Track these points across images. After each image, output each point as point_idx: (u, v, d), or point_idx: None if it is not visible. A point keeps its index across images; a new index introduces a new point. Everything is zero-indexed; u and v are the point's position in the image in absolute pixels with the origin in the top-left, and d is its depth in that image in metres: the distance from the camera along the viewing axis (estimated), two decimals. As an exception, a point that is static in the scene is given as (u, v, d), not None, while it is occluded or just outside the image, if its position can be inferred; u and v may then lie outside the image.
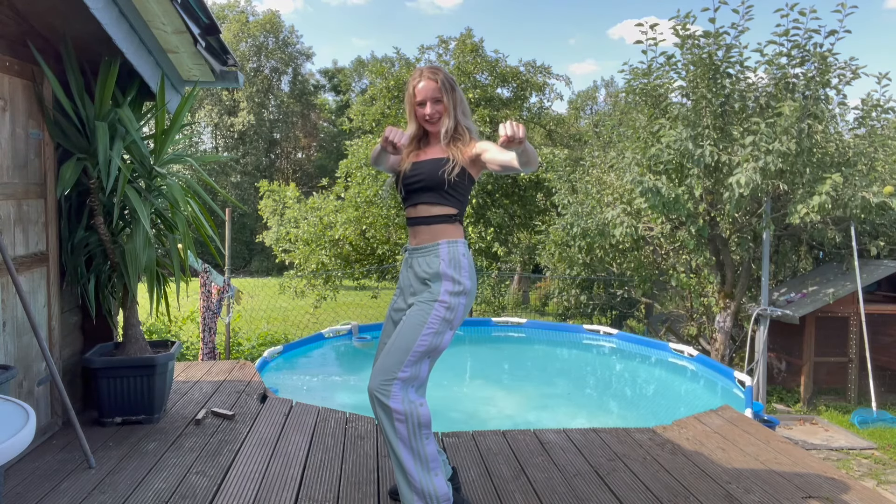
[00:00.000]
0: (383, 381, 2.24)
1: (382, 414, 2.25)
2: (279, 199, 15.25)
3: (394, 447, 2.25)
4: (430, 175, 2.37)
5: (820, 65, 6.88)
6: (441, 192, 2.38)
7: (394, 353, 2.27)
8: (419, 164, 2.42)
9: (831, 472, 3.01)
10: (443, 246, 2.35)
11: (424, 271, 2.36)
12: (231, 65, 3.78)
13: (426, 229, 2.39)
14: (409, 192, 2.43)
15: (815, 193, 6.56)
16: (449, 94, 2.40)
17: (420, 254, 2.39)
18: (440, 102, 2.39)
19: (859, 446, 6.15)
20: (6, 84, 2.83)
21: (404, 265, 2.51)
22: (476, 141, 2.42)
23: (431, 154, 2.44)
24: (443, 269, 2.32)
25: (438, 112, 2.40)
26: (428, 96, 2.39)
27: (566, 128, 18.75)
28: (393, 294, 2.58)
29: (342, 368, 6.98)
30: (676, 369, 6.74)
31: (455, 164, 2.36)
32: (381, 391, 2.23)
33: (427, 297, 2.33)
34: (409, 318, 2.32)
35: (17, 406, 1.90)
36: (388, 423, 2.24)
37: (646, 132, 7.73)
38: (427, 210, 2.39)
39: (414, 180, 2.41)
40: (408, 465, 2.24)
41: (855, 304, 7.51)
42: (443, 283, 2.32)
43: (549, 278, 12.48)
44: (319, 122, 37.50)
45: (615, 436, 3.45)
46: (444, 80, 2.40)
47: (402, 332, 2.30)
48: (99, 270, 3.38)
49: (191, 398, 3.88)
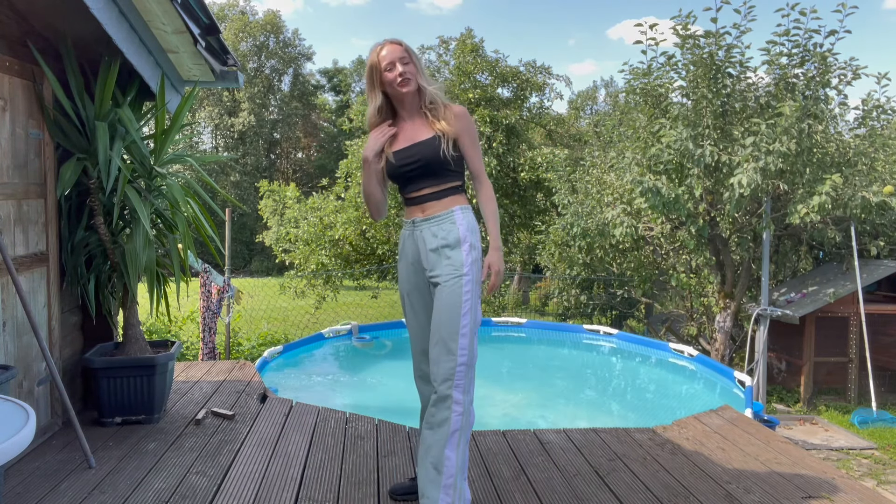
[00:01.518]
0: (447, 372, 2.22)
1: (441, 405, 2.22)
2: (279, 199, 15.23)
3: (437, 442, 2.22)
4: (429, 159, 2.34)
5: (820, 65, 6.88)
6: (442, 170, 2.37)
7: (445, 341, 2.24)
8: (410, 150, 2.37)
9: (831, 472, 3.01)
10: (457, 212, 2.36)
11: (443, 239, 2.32)
12: (231, 65, 3.78)
13: (436, 203, 2.38)
14: (409, 178, 2.39)
15: (815, 193, 6.56)
16: (414, 58, 2.38)
17: (433, 223, 2.36)
18: (407, 63, 2.36)
19: (859, 446, 6.15)
20: (6, 84, 2.83)
21: (407, 240, 2.45)
22: (449, 107, 2.40)
23: (413, 134, 2.40)
24: (462, 234, 2.31)
25: (410, 72, 2.35)
26: (395, 57, 2.35)
27: (566, 128, 18.74)
28: (399, 278, 2.51)
29: (342, 368, 6.98)
30: (676, 369, 6.74)
31: (448, 140, 2.34)
32: (445, 381, 2.22)
33: (450, 272, 2.28)
34: (443, 302, 2.27)
35: (17, 406, 1.90)
36: (442, 415, 2.22)
37: (646, 132, 7.72)
38: (434, 188, 2.37)
39: (411, 168, 2.36)
40: (448, 462, 2.19)
41: (855, 304, 7.51)
42: (461, 248, 2.30)
43: (549, 278, 12.48)
44: (319, 122, 37.49)
45: (615, 436, 3.45)
46: (407, 46, 2.39)
47: (442, 321, 2.26)
48: (99, 270, 3.38)
49: (191, 398, 3.88)
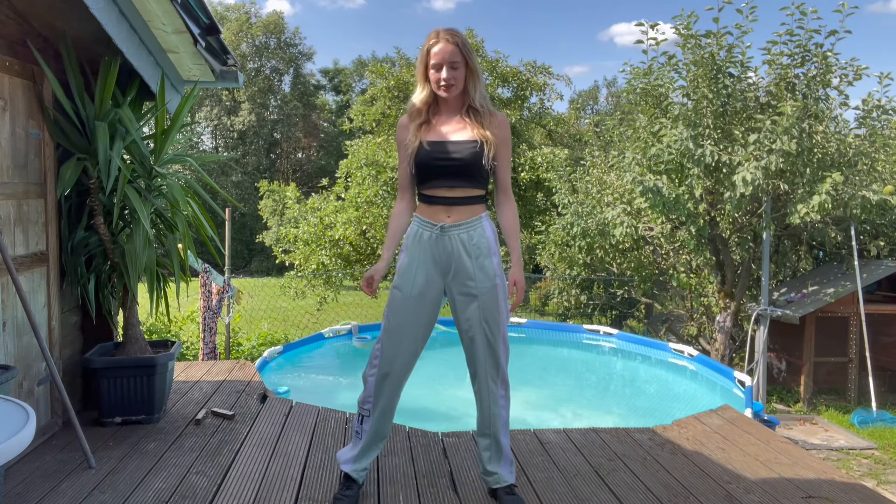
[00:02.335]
0: (494, 374, 2.41)
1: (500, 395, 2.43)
2: (279, 200, 15.25)
3: (500, 436, 2.45)
4: (469, 162, 2.32)
5: (821, 64, 6.89)
6: (478, 175, 2.36)
7: (492, 348, 2.39)
8: (450, 146, 2.33)
9: (831, 472, 3.01)
10: (484, 219, 2.40)
11: (476, 247, 2.36)
12: (231, 65, 3.78)
13: (465, 209, 2.37)
14: (442, 174, 2.34)
15: (816, 193, 6.56)
16: (469, 58, 2.29)
17: (463, 229, 2.36)
18: (457, 68, 2.28)
19: (859, 446, 6.15)
20: (6, 84, 2.83)
21: (430, 243, 2.38)
22: (495, 116, 2.38)
23: (452, 130, 2.36)
24: (492, 243, 2.40)
25: (455, 78, 2.28)
26: (445, 59, 2.26)
27: (566, 128, 18.74)
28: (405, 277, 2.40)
29: (342, 368, 6.98)
30: (676, 369, 6.73)
31: (490, 148, 2.33)
32: (494, 382, 2.41)
33: (485, 281, 2.35)
34: (484, 311, 2.36)
35: (17, 406, 1.90)
36: (499, 408, 2.43)
37: (646, 132, 7.72)
38: (466, 192, 2.36)
39: (450, 162, 2.32)
40: (505, 447, 2.48)
41: (855, 304, 7.51)
42: (493, 258, 2.38)
43: (550, 278, 12.47)
44: (320, 122, 37.49)
45: (615, 436, 3.44)
46: (463, 45, 2.28)
47: (488, 328, 2.37)
48: (99, 270, 3.38)
49: (191, 398, 3.88)
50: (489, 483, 2.54)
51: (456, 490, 2.67)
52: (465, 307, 2.39)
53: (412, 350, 2.44)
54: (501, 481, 2.49)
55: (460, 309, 2.41)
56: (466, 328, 2.41)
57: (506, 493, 2.48)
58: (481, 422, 2.49)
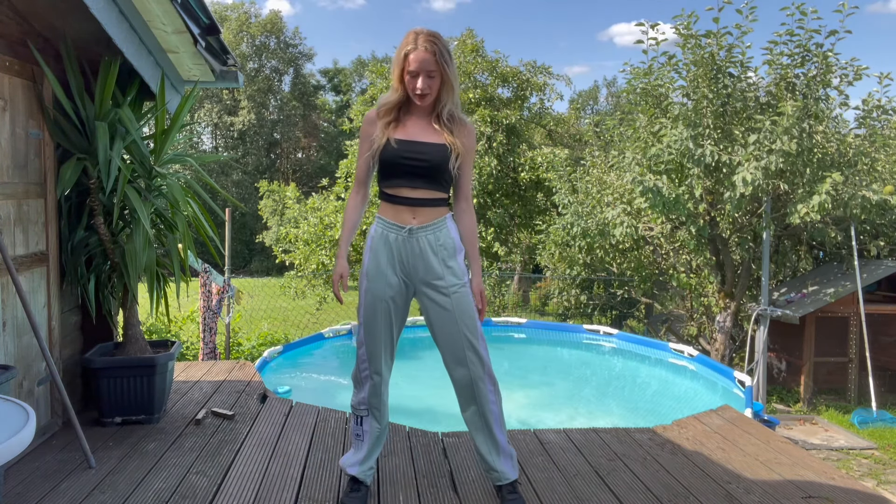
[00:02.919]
0: (480, 372, 2.40)
1: (489, 391, 2.43)
2: (279, 200, 15.22)
3: (494, 432, 2.46)
4: (437, 163, 2.33)
5: (821, 65, 6.89)
6: (442, 179, 2.38)
7: (472, 346, 2.38)
8: (419, 147, 2.33)
9: (831, 472, 3.01)
10: (448, 220, 2.42)
11: (443, 247, 2.37)
12: (231, 65, 3.78)
13: (430, 210, 2.38)
14: (407, 173, 2.34)
15: (816, 193, 6.56)
16: (445, 69, 2.26)
17: (429, 230, 2.37)
18: (433, 77, 2.26)
19: (859, 446, 6.15)
20: (6, 84, 2.83)
21: (396, 245, 2.37)
22: (465, 125, 2.39)
23: (421, 131, 2.36)
24: (457, 242, 2.41)
25: (430, 87, 2.27)
26: (422, 68, 2.24)
27: (566, 128, 18.73)
28: (375, 279, 2.40)
29: (342, 368, 6.98)
30: (676, 369, 6.73)
31: (456, 155, 2.35)
32: (481, 379, 2.41)
33: (454, 280, 2.37)
34: (458, 310, 2.37)
35: (17, 406, 1.90)
36: (490, 404, 2.43)
37: (646, 132, 7.73)
38: (429, 194, 2.37)
39: (417, 162, 2.32)
40: (501, 441, 2.48)
41: (855, 304, 7.51)
42: (458, 257, 2.40)
43: (550, 278, 12.48)
44: (320, 122, 37.49)
45: (615, 436, 3.44)
46: (441, 53, 2.25)
47: (465, 327, 2.37)
48: (99, 270, 3.38)
49: (191, 398, 3.88)
50: (493, 480, 2.54)
51: (456, 490, 2.67)
52: (438, 307, 2.39)
53: (390, 349, 2.49)
54: (503, 478, 2.50)
55: (433, 310, 2.41)
56: (443, 328, 2.41)
57: (508, 493, 2.48)
58: (470, 420, 2.50)
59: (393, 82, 2.36)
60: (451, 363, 2.44)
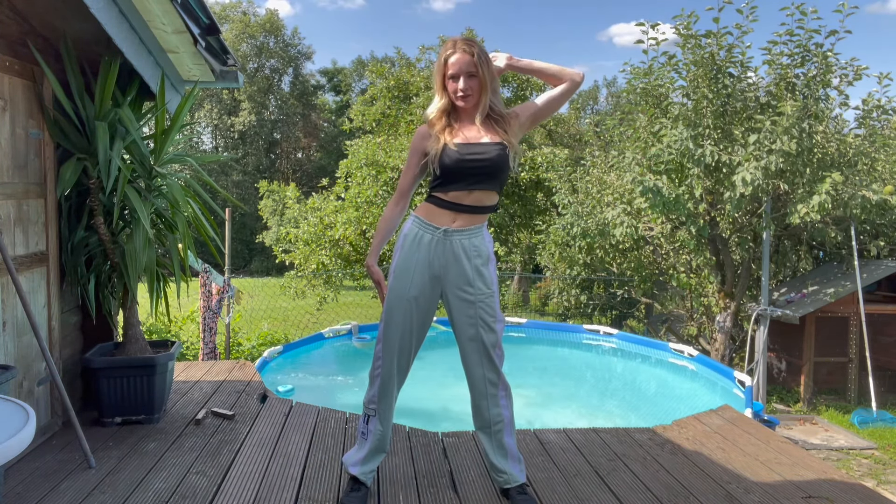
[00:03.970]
0: (497, 374, 2.44)
1: (501, 397, 2.46)
2: (279, 199, 15.22)
3: (503, 436, 2.48)
4: (497, 161, 2.31)
5: (821, 64, 6.88)
6: (502, 177, 2.37)
7: (490, 355, 2.42)
8: (481, 146, 2.32)
9: (831, 472, 3.01)
10: (485, 229, 2.44)
11: (477, 254, 2.38)
12: (231, 65, 3.78)
13: (473, 216, 2.38)
14: (466, 175, 2.31)
15: (816, 193, 6.56)
16: (484, 69, 2.28)
17: (465, 235, 2.37)
18: (474, 77, 2.29)
19: (859, 446, 6.15)
20: (6, 84, 2.83)
21: (430, 246, 2.37)
22: (510, 116, 2.40)
23: (478, 133, 2.35)
24: (490, 250, 2.44)
25: (472, 88, 2.29)
26: (462, 70, 2.28)
27: (566, 128, 18.73)
28: (402, 279, 2.40)
29: (342, 368, 6.98)
30: (676, 369, 6.73)
31: (515, 153, 2.35)
32: (495, 386, 2.45)
33: (483, 289, 2.39)
34: (482, 318, 2.39)
35: (17, 406, 1.90)
36: (501, 409, 2.46)
37: (646, 132, 7.73)
38: (483, 199, 2.37)
39: (477, 163, 2.30)
40: (511, 447, 2.51)
41: (855, 304, 7.51)
42: (490, 265, 2.42)
43: (550, 278, 12.48)
44: (319, 122, 37.47)
45: (615, 436, 3.44)
46: (480, 54, 2.28)
47: (485, 335, 2.40)
48: (99, 270, 3.38)
49: (191, 398, 3.88)
50: (500, 483, 2.55)
51: (456, 490, 2.67)
52: (463, 312, 2.41)
53: (409, 351, 2.47)
54: (512, 481, 2.51)
55: (457, 313, 2.42)
56: (464, 332, 2.43)
57: (518, 493, 2.50)
58: (479, 419, 2.51)
59: (436, 92, 2.39)
60: (467, 365, 2.48)
